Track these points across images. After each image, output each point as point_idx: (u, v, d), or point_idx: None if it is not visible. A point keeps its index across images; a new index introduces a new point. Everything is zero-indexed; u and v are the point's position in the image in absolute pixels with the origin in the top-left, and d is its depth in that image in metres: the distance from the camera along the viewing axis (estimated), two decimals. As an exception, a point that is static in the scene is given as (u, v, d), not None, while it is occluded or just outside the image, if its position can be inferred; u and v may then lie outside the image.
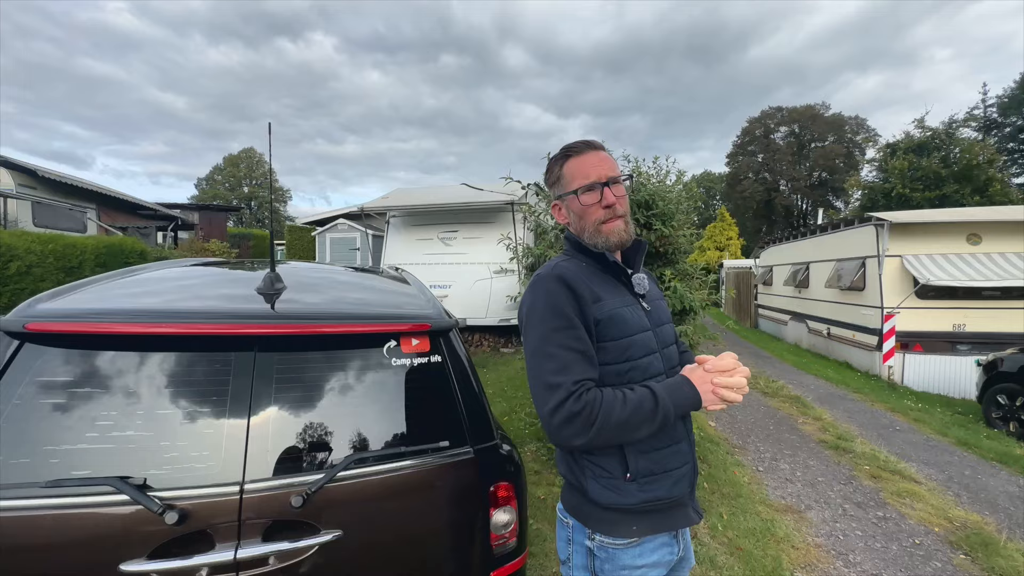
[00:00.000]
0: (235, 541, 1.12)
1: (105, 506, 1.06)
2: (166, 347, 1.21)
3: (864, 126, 36.57)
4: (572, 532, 1.17)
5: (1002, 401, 5.48)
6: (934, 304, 7.21)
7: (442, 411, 1.44)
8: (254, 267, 2.01)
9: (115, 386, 1.16)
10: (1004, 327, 6.96)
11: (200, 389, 1.20)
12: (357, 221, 10.78)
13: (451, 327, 1.54)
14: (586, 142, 1.19)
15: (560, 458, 1.21)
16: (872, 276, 7.64)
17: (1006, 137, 29.30)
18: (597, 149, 1.18)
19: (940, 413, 6.13)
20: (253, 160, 52.45)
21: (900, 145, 18.68)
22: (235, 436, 1.18)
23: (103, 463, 1.10)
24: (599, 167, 1.14)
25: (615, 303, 1.11)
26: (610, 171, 1.15)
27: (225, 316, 1.24)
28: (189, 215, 16.67)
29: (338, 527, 1.20)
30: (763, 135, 39.23)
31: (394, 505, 1.31)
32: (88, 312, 1.16)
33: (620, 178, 1.16)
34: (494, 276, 6.94)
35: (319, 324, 1.32)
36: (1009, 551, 2.99)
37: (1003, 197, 16.59)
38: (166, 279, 1.59)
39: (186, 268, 1.85)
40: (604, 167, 1.14)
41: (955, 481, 4.12)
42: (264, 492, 1.16)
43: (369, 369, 1.39)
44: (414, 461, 1.34)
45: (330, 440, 1.29)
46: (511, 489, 1.50)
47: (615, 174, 1.15)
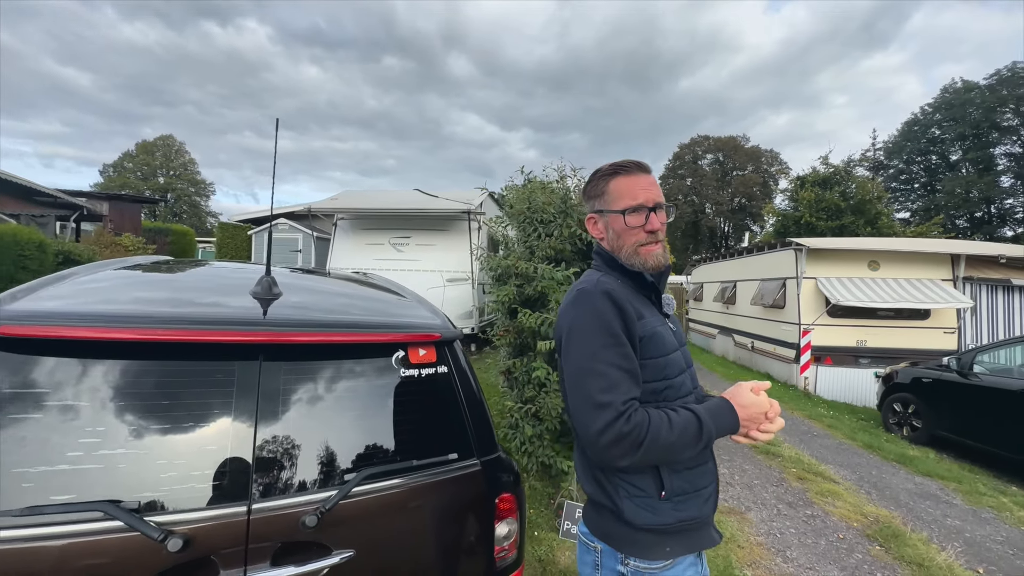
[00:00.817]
0: (242, 567, 1.03)
1: (94, 534, 0.94)
2: (161, 355, 1.09)
3: (778, 159, 40.58)
4: (601, 557, 1.14)
5: (897, 408, 6.24)
6: (842, 322, 8.09)
7: (449, 422, 1.42)
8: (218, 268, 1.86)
9: (102, 398, 1.03)
10: (898, 343, 7.97)
11: (200, 402, 1.10)
12: (300, 221, 10.20)
13: (457, 337, 1.52)
14: (637, 163, 1.19)
15: (586, 476, 1.17)
16: (791, 295, 8.45)
17: (890, 177, 33.72)
18: (647, 172, 1.19)
19: (848, 419, 6.86)
20: (172, 148, 48.08)
21: (808, 178, 20.82)
22: (240, 452, 1.09)
23: (89, 486, 0.97)
24: (648, 191, 1.15)
25: (654, 322, 1.13)
26: (657, 197, 1.15)
27: (228, 322, 1.15)
28: (96, 204, 14.91)
29: (350, 546, 1.14)
30: (692, 160, 42.26)
31: (404, 521, 1.26)
32: (73, 315, 1.02)
33: (664, 205, 1.17)
34: (447, 284, 6.87)
35: (329, 333, 1.26)
36: (914, 541, 3.41)
37: (889, 229, 18.99)
38: (142, 279, 1.44)
39: (157, 266, 1.68)
40: (652, 192, 1.15)
41: (865, 480, 4.63)
42: (273, 512, 1.08)
43: (378, 380, 1.34)
44: (424, 474, 1.31)
45: (339, 455, 1.22)
46: (513, 501, 1.50)
47: (662, 200, 1.16)
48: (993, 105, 28.73)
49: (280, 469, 1.13)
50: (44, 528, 0.91)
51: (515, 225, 4.09)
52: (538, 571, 2.67)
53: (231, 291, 1.40)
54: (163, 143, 47.78)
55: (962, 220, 31.40)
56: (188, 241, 19.97)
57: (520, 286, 3.73)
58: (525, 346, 3.88)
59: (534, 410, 3.51)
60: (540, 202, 3.90)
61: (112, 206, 15.16)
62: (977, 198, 30.18)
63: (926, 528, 3.69)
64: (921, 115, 33.30)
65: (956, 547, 3.41)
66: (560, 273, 3.44)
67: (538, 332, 3.46)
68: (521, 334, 3.78)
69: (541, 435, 3.53)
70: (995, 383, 4.97)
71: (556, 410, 3.42)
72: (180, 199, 47.77)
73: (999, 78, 28.82)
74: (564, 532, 3.07)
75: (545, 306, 3.54)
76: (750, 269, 10.53)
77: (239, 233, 12.74)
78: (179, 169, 48.18)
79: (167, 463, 1.04)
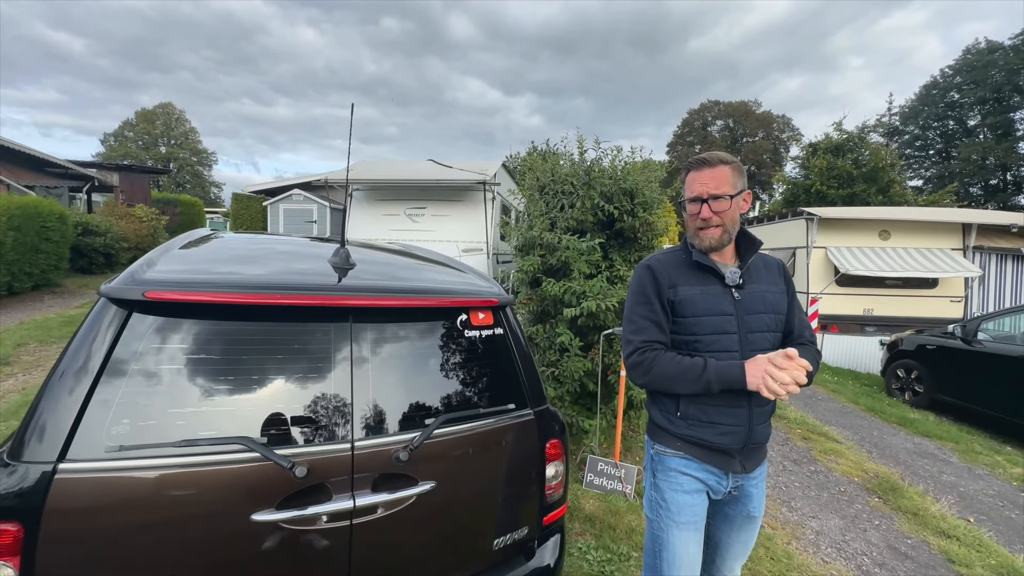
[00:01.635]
0: (349, 492, 1.23)
1: (234, 463, 1.13)
2: (272, 317, 1.27)
3: (789, 125, 39.58)
4: (647, 446, 1.59)
5: (901, 374, 6.45)
6: (849, 291, 8.21)
7: (506, 377, 1.61)
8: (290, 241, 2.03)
9: (230, 352, 1.21)
10: (905, 312, 8.11)
11: (307, 356, 1.28)
12: (313, 192, 10.28)
13: (511, 303, 1.69)
14: (702, 159, 1.41)
15: (648, 396, 1.58)
16: (802, 264, 8.54)
17: (904, 144, 32.95)
18: (712, 166, 1.40)
19: (852, 385, 7.09)
20: (172, 117, 47.42)
21: (820, 145, 20.47)
22: (342, 398, 1.28)
23: (225, 424, 1.17)
24: (706, 184, 1.39)
25: (690, 290, 1.41)
26: (714, 189, 1.38)
27: (327, 289, 1.32)
28: (107, 175, 15.00)
29: (432, 478, 1.34)
30: (701, 127, 41.32)
31: (474, 459, 1.47)
32: (204, 282, 1.19)
33: (722, 196, 1.37)
34: (463, 254, 7.01)
35: (406, 297, 1.43)
36: (910, 494, 3.66)
37: (901, 198, 18.78)
38: (237, 251, 1.61)
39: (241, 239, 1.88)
40: (710, 185, 1.38)
41: (867, 440, 4.88)
42: (371, 449, 1.28)
43: (446, 339, 1.51)
44: (488, 421, 1.50)
45: (420, 402, 1.41)
46: (559, 447, 1.70)
47: (718, 192, 1.37)
48: (1017, 67, 27.74)
49: (374, 413, 1.32)
50: (195, 457, 1.11)
51: (536, 196, 4.20)
52: (566, 518, 2.93)
53: (315, 261, 1.56)
54: (163, 111, 47.09)
55: (976, 188, 30.86)
56: (197, 212, 20.10)
57: (543, 256, 3.88)
58: (546, 313, 4.06)
59: (556, 373, 3.72)
60: (563, 174, 4.00)
61: (122, 177, 15.25)
62: (993, 165, 29.56)
63: (922, 483, 3.94)
64: (941, 78, 32.21)
65: (950, 499, 3.66)
66: (584, 243, 3.58)
67: (561, 300, 3.63)
68: (543, 302, 3.95)
69: (563, 397, 3.75)
70: (998, 349, 5.14)
71: (577, 373, 3.63)
72: (183, 169, 47.48)
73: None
74: (587, 483, 3.33)
75: (568, 275, 3.70)
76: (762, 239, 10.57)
77: (253, 204, 12.81)
78: (180, 138, 47.67)
79: (285, 406, 1.23)
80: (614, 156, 4.25)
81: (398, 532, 1.31)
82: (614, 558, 2.59)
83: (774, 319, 1.45)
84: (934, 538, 3.08)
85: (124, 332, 1.13)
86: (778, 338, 1.46)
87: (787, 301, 1.49)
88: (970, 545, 3.00)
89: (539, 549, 1.66)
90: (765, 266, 1.53)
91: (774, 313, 1.45)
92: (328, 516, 1.20)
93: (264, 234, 2.28)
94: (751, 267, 1.47)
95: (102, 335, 1.13)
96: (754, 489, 1.49)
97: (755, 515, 1.50)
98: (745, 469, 1.44)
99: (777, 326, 1.46)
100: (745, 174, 1.46)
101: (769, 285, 1.48)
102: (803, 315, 1.53)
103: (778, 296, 1.47)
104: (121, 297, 1.14)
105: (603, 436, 3.80)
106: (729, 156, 1.43)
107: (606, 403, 3.82)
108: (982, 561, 2.83)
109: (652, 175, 4.11)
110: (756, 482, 1.49)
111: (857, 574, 2.70)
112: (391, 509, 1.29)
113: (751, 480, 1.48)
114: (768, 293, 1.47)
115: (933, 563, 2.83)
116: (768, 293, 1.47)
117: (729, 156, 1.43)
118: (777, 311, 1.46)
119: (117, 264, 11.64)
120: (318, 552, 1.21)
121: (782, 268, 1.56)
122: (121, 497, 1.06)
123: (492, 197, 7.15)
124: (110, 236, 11.13)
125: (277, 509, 1.15)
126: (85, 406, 1.07)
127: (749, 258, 1.46)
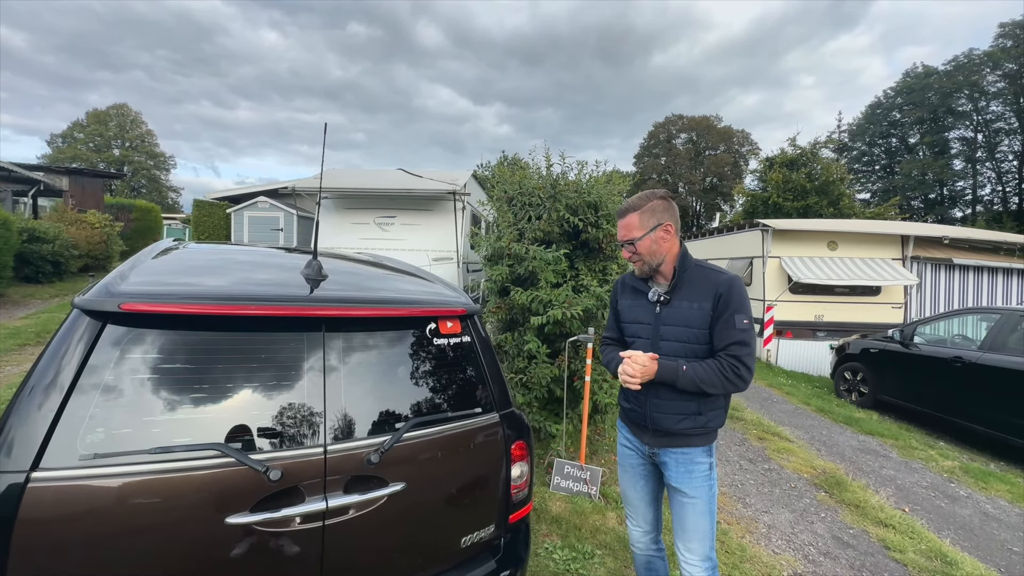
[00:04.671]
0: (322, 494, 1.29)
1: (210, 468, 1.17)
2: (247, 327, 1.32)
3: (748, 139, 41.42)
4: None
5: (848, 377, 6.87)
6: (802, 298, 8.70)
7: (474, 383, 1.70)
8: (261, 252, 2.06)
9: (204, 361, 1.25)
10: (852, 318, 8.65)
11: (280, 364, 1.34)
12: (279, 200, 10.08)
13: (478, 312, 1.78)
14: (620, 210, 1.81)
15: None
16: (758, 273, 8.99)
17: (853, 159, 35.02)
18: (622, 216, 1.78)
19: (804, 387, 7.50)
20: (127, 119, 45.38)
21: (776, 159, 21.56)
22: (314, 405, 1.34)
23: (199, 431, 1.21)
24: (620, 232, 1.81)
25: (626, 302, 1.90)
26: (625, 235, 1.77)
27: (299, 300, 1.37)
28: (55, 179, 14.22)
29: (402, 479, 1.41)
30: (666, 140, 42.73)
31: (442, 461, 1.54)
32: (180, 294, 1.23)
33: (631, 240, 1.75)
34: (433, 263, 7.05)
35: (376, 308, 1.50)
36: (854, 488, 3.93)
37: (850, 210, 19.96)
38: (210, 262, 1.65)
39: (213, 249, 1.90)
40: (622, 232, 1.79)
41: (816, 439, 5.19)
42: (343, 452, 1.34)
43: (416, 347, 1.59)
44: (456, 424, 1.59)
45: (390, 407, 1.48)
46: (524, 448, 1.79)
47: (628, 238, 1.76)
48: (950, 90, 30.05)
49: (346, 418, 1.39)
50: (171, 463, 1.15)
51: (505, 207, 4.31)
52: (533, 518, 3.02)
53: (287, 272, 1.61)
54: (117, 112, 45.00)
55: (917, 201, 33.10)
56: (154, 218, 19.25)
57: (512, 266, 3.99)
58: (515, 322, 4.17)
59: (524, 380, 3.82)
60: (531, 186, 4.13)
61: (72, 181, 14.49)
62: (931, 180, 31.81)
63: (865, 477, 4.23)
64: (884, 98, 34.55)
65: (888, 492, 3.96)
66: (550, 254, 3.71)
67: (529, 308, 3.74)
68: (512, 310, 4.06)
69: (531, 403, 3.86)
70: (931, 352, 5.57)
71: (545, 379, 3.74)
72: (138, 173, 45.42)
73: (956, 64, 30.09)
74: (554, 486, 3.44)
75: (535, 284, 3.82)
76: (720, 248, 11.05)
77: (216, 211, 12.39)
78: (135, 140, 45.64)
79: (259, 413, 1.28)
80: (580, 169, 4.42)
81: (369, 532, 1.37)
82: (579, 556, 2.69)
83: (686, 332, 1.69)
84: (873, 527, 3.33)
85: (98, 343, 1.16)
86: (694, 348, 1.68)
87: (711, 318, 1.66)
88: (904, 533, 3.25)
89: (505, 546, 1.74)
90: (702, 285, 1.70)
91: (687, 327, 1.69)
92: (301, 517, 1.26)
93: (235, 245, 2.30)
94: (682, 286, 1.73)
95: (75, 346, 1.15)
96: (667, 459, 1.78)
97: (674, 485, 1.77)
98: (652, 444, 1.80)
99: (692, 338, 1.69)
100: (663, 209, 1.73)
101: (693, 303, 1.69)
102: (732, 332, 1.62)
103: (697, 313, 1.68)
104: (95, 309, 1.17)
105: (569, 440, 3.92)
106: (639, 201, 1.74)
107: (572, 408, 3.95)
108: (914, 547, 3.09)
109: (615, 188, 4.29)
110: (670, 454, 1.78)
111: (804, 563, 2.90)
112: (363, 510, 1.35)
113: (664, 452, 1.79)
114: (688, 310, 1.69)
115: (871, 550, 3.06)
116: (688, 310, 1.69)
117: (639, 201, 1.74)
118: (691, 325, 1.69)
119: (66, 273, 11.06)
120: (291, 553, 1.26)
121: (719, 291, 1.66)
122: (96, 505, 1.09)
123: (462, 207, 7.24)
124: (59, 243, 10.58)
125: (251, 512, 1.20)
126: (59, 415, 1.09)
127: (674, 281, 1.74)
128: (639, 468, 1.90)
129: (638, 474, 1.91)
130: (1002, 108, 29.52)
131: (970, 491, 4.06)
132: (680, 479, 1.76)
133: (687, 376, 1.62)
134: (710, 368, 1.62)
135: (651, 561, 1.99)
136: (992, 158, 30.72)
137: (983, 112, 30.23)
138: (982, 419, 4.92)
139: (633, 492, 1.94)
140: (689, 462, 1.75)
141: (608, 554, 2.76)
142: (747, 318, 1.64)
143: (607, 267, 4.11)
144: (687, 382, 1.62)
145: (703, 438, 1.74)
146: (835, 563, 2.91)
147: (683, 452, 1.75)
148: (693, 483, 1.74)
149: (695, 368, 1.62)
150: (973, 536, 3.34)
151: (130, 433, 1.15)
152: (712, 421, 1.73)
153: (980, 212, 31.05)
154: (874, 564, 2.91)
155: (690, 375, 1.62)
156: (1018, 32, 27.15)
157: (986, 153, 30.75)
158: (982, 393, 4.92)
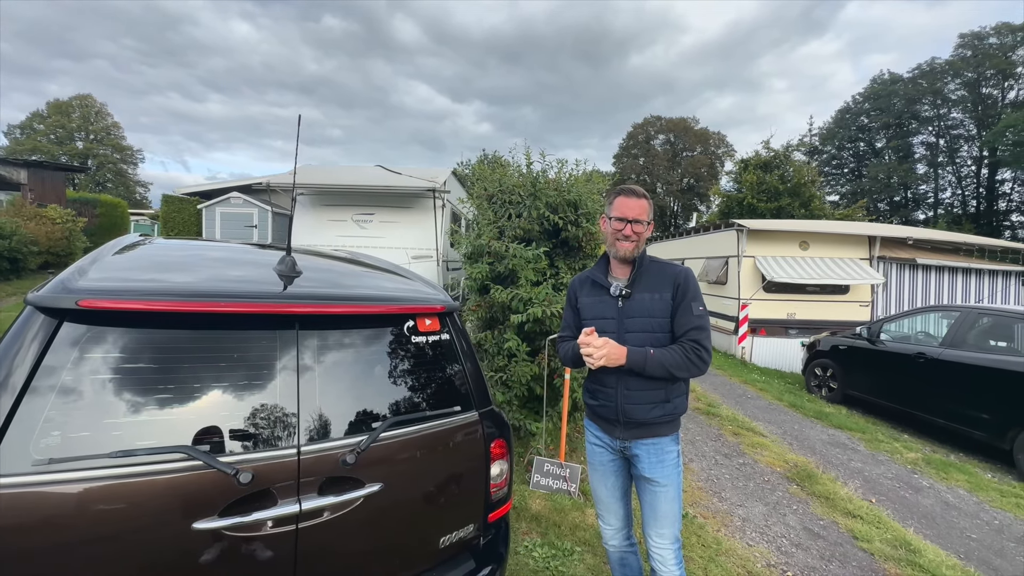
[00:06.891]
0: (295, 497, 1.25)
1: (175, 472, 1.12)
2: (215, 325, 1.27)
3: (724, 141, 42.28)
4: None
5: (818, 373, 7.08)
6: (775, 296, 8.92)
7: (452, 381, 1.67)
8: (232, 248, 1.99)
9: (171, 360, 1.20)
10: (822, 316, 8.92)
11: (252, 363, 1.29)
12: (253, 195, 9.80)
13: (456, 310, 1.76)
14: (632, 190, 1.84)
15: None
16: (733, 272, 9.18)
17: (823, 162, 36.13)
18: (639, 197, 1.82)
19: (777, 383, 7.69)
20: (91, 110, 43.51)
21: (751, 161, 22.07)
22: (287, 404, 1.30)
23: (165, 433, 1.16)
24: (633, 210, 1.79)
25: (587, 300, 1.90)
26: (639, 215, 1.79)
27: (272, 297, 1.33)
28: (12, 172, 13.55)
29: (379, 480, 1.38)
30: (645, 140, 43.27)
31: (420, 460, 1.52)
32: (143, 290, 1.17)
33: (643, 221, 1.79)
34: (412, 261, 6.98)
35: (352, 305, 1.47)
36: (824, 480, 4.04)
37: (820, 211, 20.59)
38: (175, 257, 1.58)
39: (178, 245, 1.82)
40: (636, 211, 1.79)
41: (788, 434, 5.33)
42: (317, 453, 1.30)
43: (394, 345, 1.56)
44: (435, 423, 1.56)
45: (366, 406, 1.45)
46: (503, 446, 1.78)
47: (640, 218, 1.78)
48: (914, 97, 31.29)
49: (321, 418, 1.35)
50: (134, 467, 1.09)
51: (485, 205, 4.29)
52: (513, 517, 3.01)
53: (258, 268, 1.56)
54: (80, 103, 43.11)
55: (883, 204, 34.38)
56: (120, 213, 18.54)
57: (492, 264, 3.97)
58: (495, 320, 4.15)
59: (504, 378, 3.81)
60: (511, 184, 4.12)
61: (32, 174, 13.82)
62: (896, 183, 33.07)
63: (834, 470, 4.36)
64: (852, 104, 35.75)
65: (856, 483, 4.09)
66: (530, 252, 3.71)
67: (509, 306, 3.73)
68: (492, 309, 4.04)
69: (511, 401, 3.85)
70: (896, 348, 5.78)
71: (525, 377, 3.74)
72: (103, 166, 43.65)
73: (920, 71, 31.33)
74: (534, 484, 3.44)
75: (515, 282, 3.81)
76: (697, 248, 11.25)
77: (187, 207, 11.97)
78: (100, 133, 43.82)
79: (228, 414, 1.23)
80: (560, 168, 4.44)
81: (345, 534, 1.34)
82: (559, 554, 2.69)
83: (650, 322, 1.78)
84: (842, 518, 3.43)
85: (54, 342, 1.10)
86: (658, 337, 1.77)
87: (672, 307, 1.77)
88: (871, 523, 3.37)
89: (485, 545, 1.73)
90: (660, 277, 1.81)
91: (650, 317, 1.78)
92: (273, 521, 1.22)
93: (202, 240, 2.22)
94: (641, 279, 1.81)
95: (28, 345, 1.09)
96: (639, 451, 1.82)
97: (646, 476, 1.82)
98: (623, 437, 1.83)
99: (656, 327, 1.78)
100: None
101: (654, 293, 1.79)
102: (690, 318, 1.74)
103: (659, 303, 1.78)
104: (51, 306, 1.11)
105: (549, 438, 3.92)
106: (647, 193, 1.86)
107: (552, 406, 3.96)
108: (880, 536, 3.19)
109: (595, 187, 4.32)
110: (642, 446, 1.82)
111: (777, 555, 2.97)
112: (338, 512, 1.31)
113: (636, 444, 1.83)
114: (650, 300, 1.78)
115: (840, 540, 3.15)
116: (650, 300, 1.78)
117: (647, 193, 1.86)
118: (654, 315, 1.78)
119: (24, 270, 10.55)
120: (263, 558, 1.22)
121: (676, 280, 1.79)
122: (52, 512, 1.03)
123: (442, 205, 7.18)
124: (16, 239, 10.09)
125: (220, 516, 1.15)
126: (9, 418, 1.03)
127: (635, 274, 1.82)
128: (609, 465, 1.94)
129: (608, 471, 1.95)
130: (962, 115, 30.88)
131: (932, 481, 4.23)
132: (652, 469, 1.82)
133: (655, 360, 1.69)
134: (675, 352, 1.71)
135: (624, 557, 2.04)
136: (952, 163, 32.12)
137: (944, 119, 31.59)
138: (943, 412, 5.13)
139: (604, 490, 1.98)
140: (660, 451, 1.82)
141: (587, 551, 2.77)
142: (702, 305, 1.77)
143: (587, 265, 4.13)
144: (655, 366, 1.69)
145: (671, 427, 1.84)
146: (806, 554, 2.99)
147: (654, 443, 1.82)
148: (664, 471, 1.82)
149: (662, 353, 1.71)
150: (935, 525, 3.48)
151: (90, 436, 1.09)
152: (678, 408, 1.83)
153: (941, 214, 32.42)
154: (843, 554, 3.00)
155: (658, 359, 1.70)
156: (976, 43, 28.43)
157: (947, 158, 32.13)
158: (943, 388, 5.13)
